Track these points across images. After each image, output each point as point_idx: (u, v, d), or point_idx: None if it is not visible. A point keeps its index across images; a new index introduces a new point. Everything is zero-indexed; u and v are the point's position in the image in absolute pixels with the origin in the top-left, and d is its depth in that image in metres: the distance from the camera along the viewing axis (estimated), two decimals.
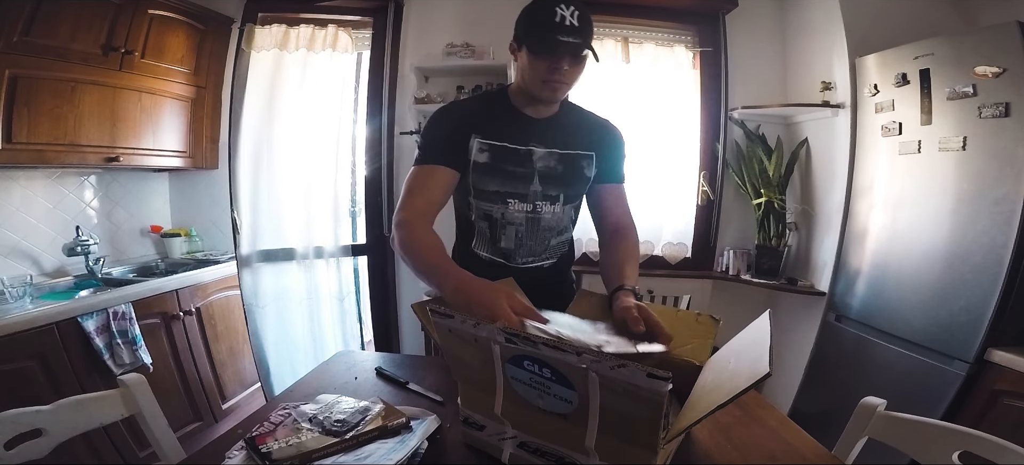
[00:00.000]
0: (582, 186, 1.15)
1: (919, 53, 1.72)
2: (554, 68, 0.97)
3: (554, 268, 1.18)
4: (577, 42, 0.95)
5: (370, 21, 2.34)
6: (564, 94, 1.06)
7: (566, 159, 1.10)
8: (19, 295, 1.68)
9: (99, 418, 0.84)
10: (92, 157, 1.95)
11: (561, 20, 0.94)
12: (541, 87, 1.01)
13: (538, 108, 1.09)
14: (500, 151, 1.07)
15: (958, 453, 0.77)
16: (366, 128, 2.36)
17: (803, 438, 0.83)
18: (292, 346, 2.36)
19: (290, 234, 2.31)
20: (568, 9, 0.94)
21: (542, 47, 0.97)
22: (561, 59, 0.97)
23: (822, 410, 2.07)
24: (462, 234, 1.19)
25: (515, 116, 1.09)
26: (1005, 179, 1.46)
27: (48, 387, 1.53)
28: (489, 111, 1.10)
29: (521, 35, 1.01)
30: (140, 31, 2.01)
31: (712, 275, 2.40)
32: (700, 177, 2.40)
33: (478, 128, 1.07)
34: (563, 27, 0.94)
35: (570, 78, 1.01)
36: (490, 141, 1.06)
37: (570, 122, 1.12)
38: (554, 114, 1.11)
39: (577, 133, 1.12)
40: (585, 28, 0.96)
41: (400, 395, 0.98)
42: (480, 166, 1.07)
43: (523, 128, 1.08)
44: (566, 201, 1.13)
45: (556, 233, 1.15)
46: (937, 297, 1.63)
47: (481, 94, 1.18)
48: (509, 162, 1.07)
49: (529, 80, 1.02)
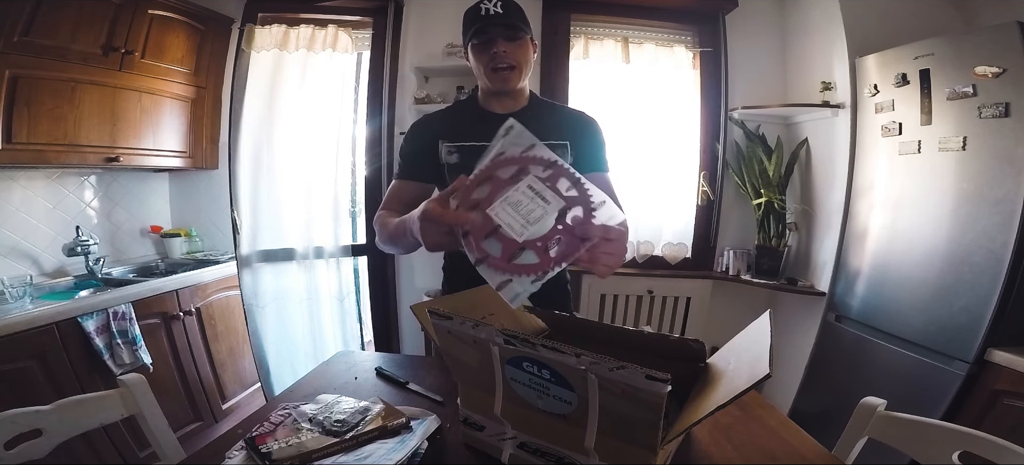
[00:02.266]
0: None
1: (919, 53, 1.72)
2: (493, 55, 1.04)
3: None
4: (503, 23, 1.03)
5: (370, 21, 2.34)
6: (515, 80, 1.09)
7: None
8: (19, 295, 1.68)
9: (99, 418, 0.85)
10: (92, 157, 1.95)
11: (486, 12, 1.03)
12: (491, 78, 1.07)
13: (505, 103, 1.13)
14: (468, 151, 1.10)
15: (958, 453, 0.77)
16: (366, 128, 2.36)
17: (803, 438, 0.83)
18: (292, 346, 2.36)
19: (290, 234, 2.31)
20: (490, 2, 1.03)
21: (475, 41, 1.06)
22: (494, 44, 1.04)
23: (822, 410, 2.07)
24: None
25: (482, 116, 1.14)
26: (1005, 179, 1.46)
27: (48, 387, 1.53)
28: (457, 115, 1.17)
29: (463, 37, 1.10)
30: (140, 31, 2.01)
31: (712, 275, 2.40)
32: (700, 177, 2.40)
33: (445, 133, 1.13)
34: (488, 17, 1.03)
35: (512, 59, 1.06)
36: (457, 143, 1.12)
37: (540, 114, 1.15)
38: (523, 108, 1.15)
39: (547, 124, 1.12)
40: (510, 10, 1.04)
41: (400, 395, 0.98)
42: (452, 168, 1.11)
43: (490, 125, 1.03)
44: None
45: None
46: (937, 297, 1.63)
47: (452, 104, 1.29)
48: (477, 160, 1.05)
49: (481, 76, 1.09)
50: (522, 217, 0.72)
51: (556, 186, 0.74)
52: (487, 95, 1.15)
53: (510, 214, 0.73)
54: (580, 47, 2.33)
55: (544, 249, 0.70)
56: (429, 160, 1.13)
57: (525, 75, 1.11)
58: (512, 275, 0.70)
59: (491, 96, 1.14)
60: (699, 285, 2.38)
